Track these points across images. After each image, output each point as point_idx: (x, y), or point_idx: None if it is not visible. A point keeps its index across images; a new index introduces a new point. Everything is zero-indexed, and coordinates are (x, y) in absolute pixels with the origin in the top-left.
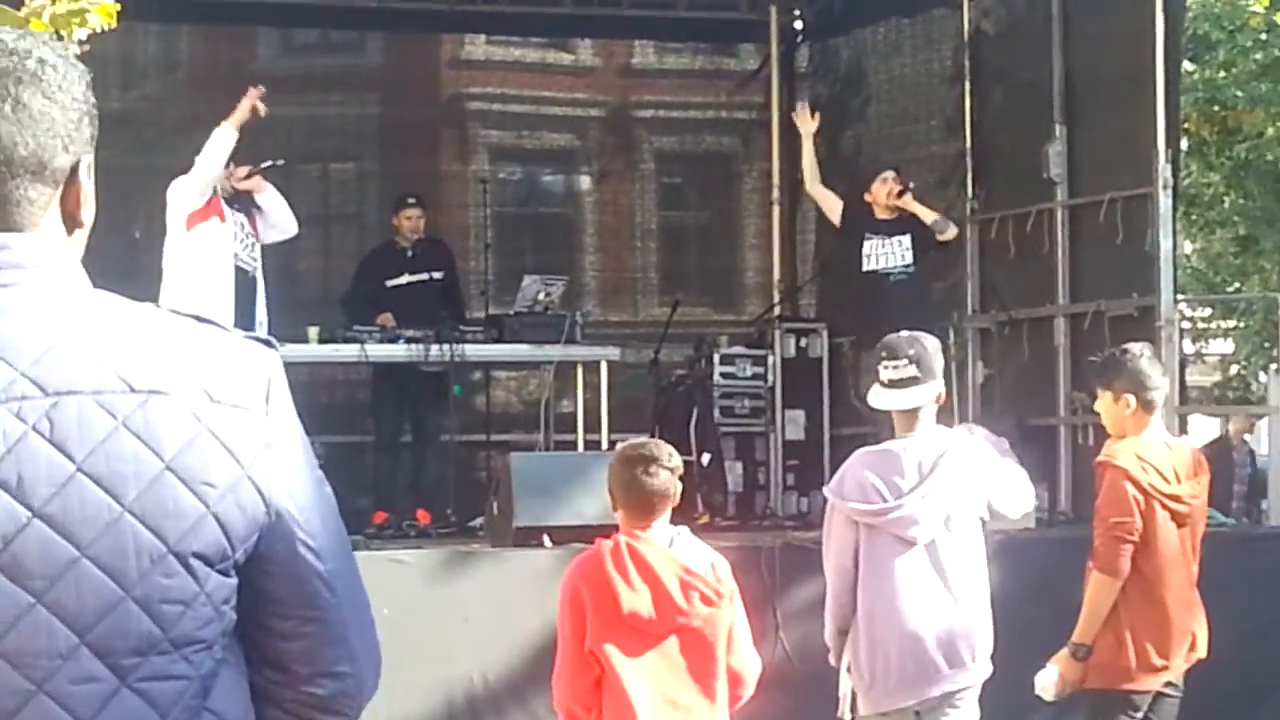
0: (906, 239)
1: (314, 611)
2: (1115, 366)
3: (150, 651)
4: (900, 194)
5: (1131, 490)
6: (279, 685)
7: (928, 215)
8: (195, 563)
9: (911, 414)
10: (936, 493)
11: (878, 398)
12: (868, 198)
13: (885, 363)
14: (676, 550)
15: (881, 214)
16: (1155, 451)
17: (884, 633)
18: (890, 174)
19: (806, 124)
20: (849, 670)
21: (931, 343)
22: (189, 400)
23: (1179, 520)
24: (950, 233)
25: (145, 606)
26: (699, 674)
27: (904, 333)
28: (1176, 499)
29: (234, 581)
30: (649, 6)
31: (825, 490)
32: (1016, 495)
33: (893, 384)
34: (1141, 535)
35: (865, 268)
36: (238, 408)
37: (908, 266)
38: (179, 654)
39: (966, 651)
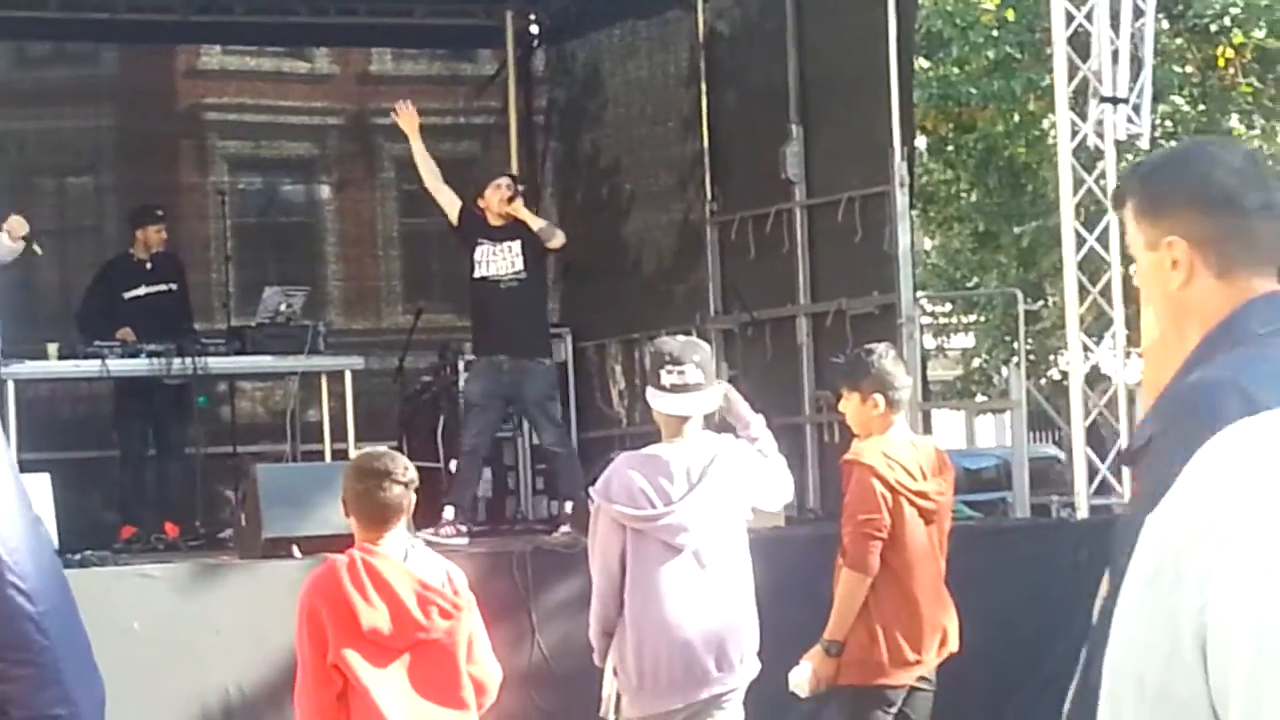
0: (517, 245)
1: (25, 654)
2: (861, 367)
3: None
4: (510, 200)
5: (879, 487)
6: None
7: (535, 222)
8: None
9: (682, 419)
10: (705, 500)
11: (662, 401)
12: (480, 203)
13: (669, 367)
14: (412, 563)
15: (494, 220)
16: (901, 449)
17: (652, 636)
18: (504, 180)
19: (409, 122)
20: (615, 672)
21: (707, 348)
22: None
23: (926, 517)
24: (557, 240)
25: None
26: (444, 685)
27: (680, 338)
28: (923, 495)
29: None
30: (385, 14)
31: (591, 491)
32: (777, 488)
33: (676, 388)
34: (890, 532)
35: (476, 274)
36: None
37: (518, 273)
38: None
39: (735, 654)
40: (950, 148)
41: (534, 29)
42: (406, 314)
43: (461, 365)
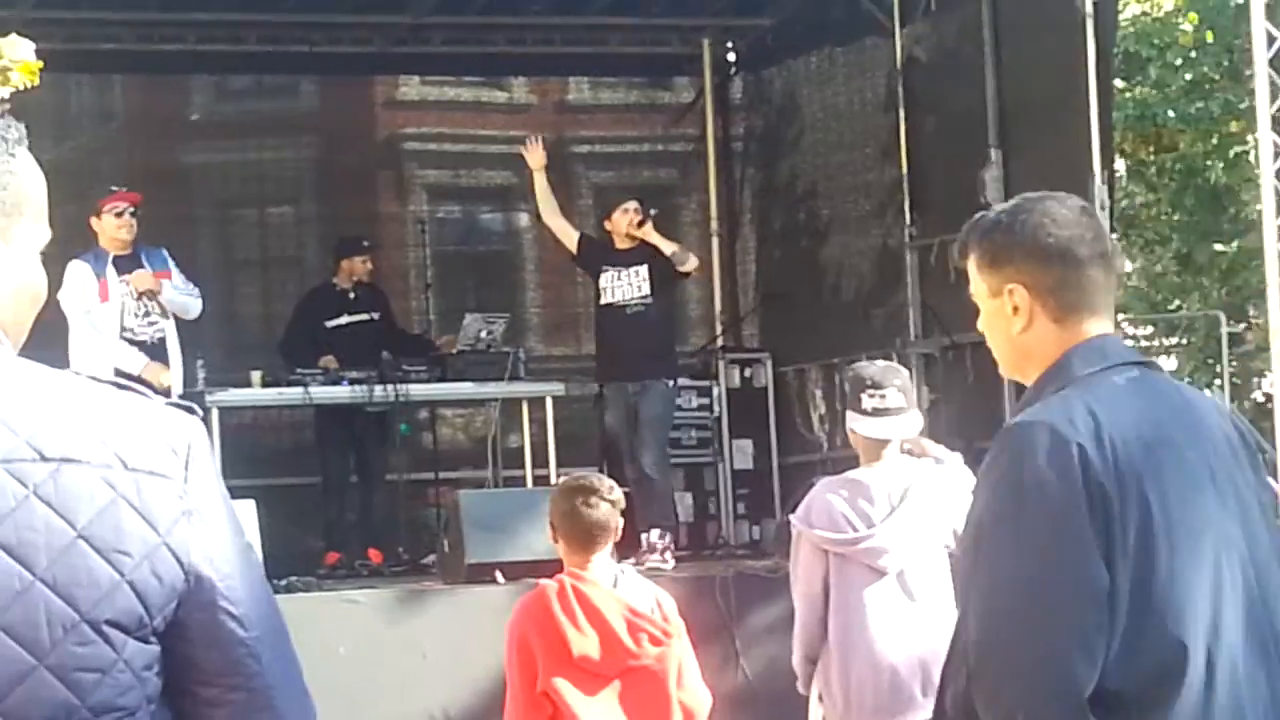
0: (644, 269)
1: (237, 678)
2: None
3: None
4: (640, 224)
5: None
6: None
7: (667, 246)
8: (110, 630)
9: (881, 444)
10: (906, 522)
11: (863, 424)
12: (607, 225)
13: (870, 391)
14: (621, 590)
15: (621, 244)
16: None
17: (857, 661)
18: (633, 204)
19: (535, 157)
20: (820, 699)
21: (906, 373)
22: (102, 468)
23: None
24: (690, 264)
25: (59, 675)
26: (654, 712)
27: (881, 362)
28: None
29: (155, 648)
30: (583, 43)
31: (792, 518)
32: None
33: (878, 412)
34: None
35: (603, 300)
36: (154, 474)
37: (645, 298)
38: None
39: (940, 678)
40: (1150, 170)
41: (730, 56)
42: None
43: None
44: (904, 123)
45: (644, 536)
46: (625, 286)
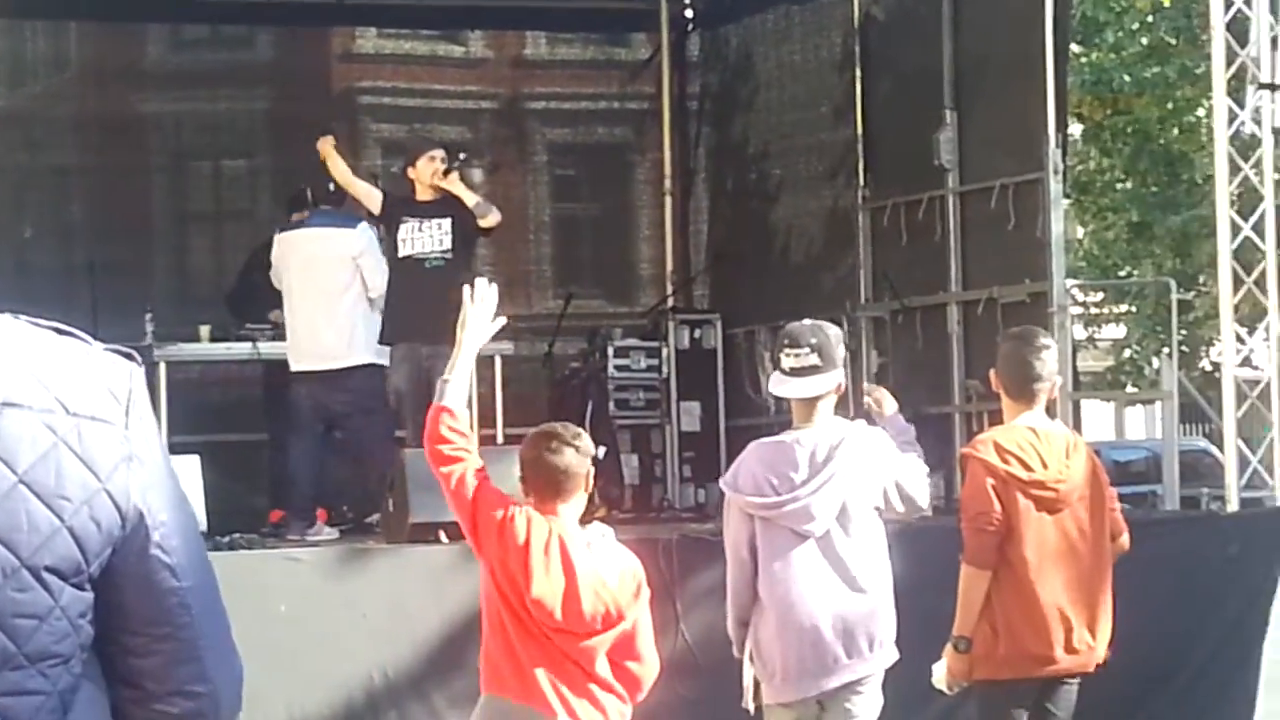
0: (446, 222)
1: (166, 628)
2: (998, 356)
3: (4, 666)
4: (446, 174)
5: (989, 480)
6: (132, 702)
7: (470, 198)
8: (49, 576)
9: (810, 404)
10: (830, 485)
11: (779, 385)
12: (410, 174)
13: (787, 350)
14: (596, 555)
15: (423, 194)
16: (1018, 437)
17: (783, 624)
18: (439, 151)
19: (325, 148)
20: (751, 660)
21: (834, 332)
22: (43, 412)
23: (1047, 506)
24: (493, 218)
25: None
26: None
27: (806, 321)
28: (1039, 485)
29: (89, 595)
30: None
31: (721, 483)
32: (917, 489)
33: (794, 372)
34: (1006, 524)
35: (400, 253)
36: (96, 419)
37: (445, 252)
38: (35, 669)
39: (865, 641)
40: (1105, 134)
41: (688, 13)
42: (556, 299)
43: (611, 351)
44: (860, 83)
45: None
46: (425, 239)
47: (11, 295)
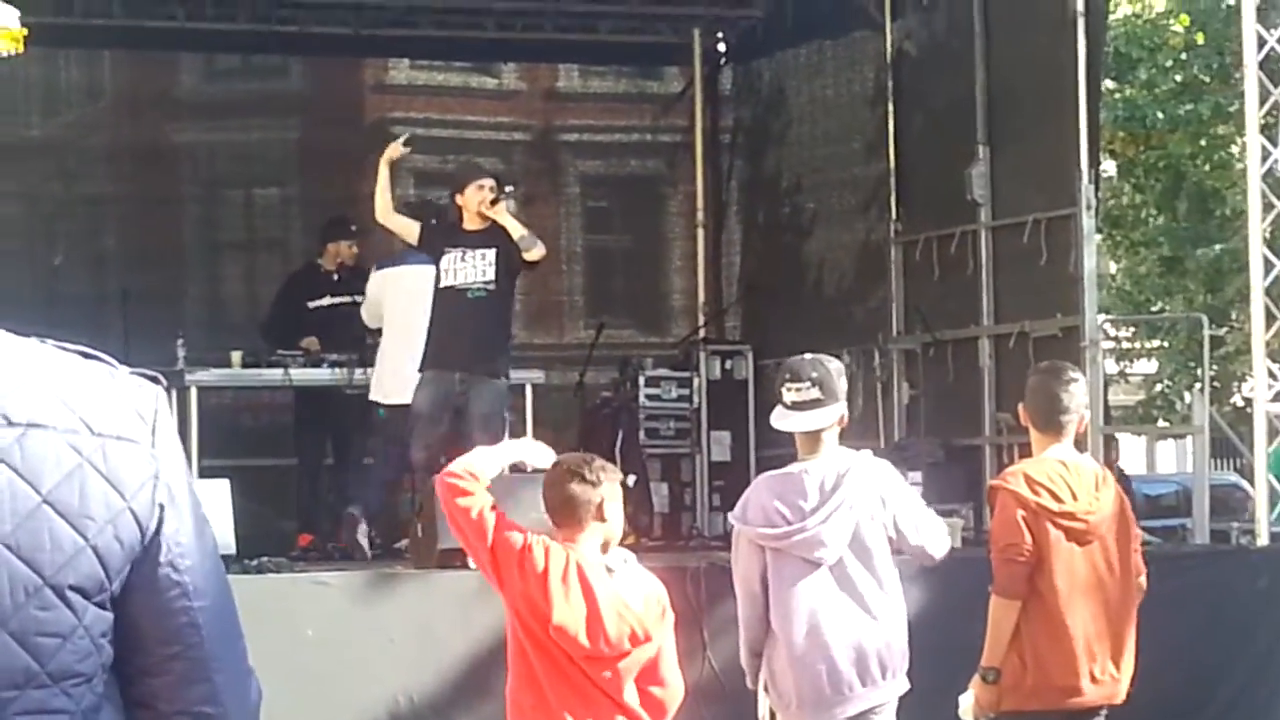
0: (491, 254)
1: (176, 647)
2: (1028, 389)
3: (28, 685)
4: (494, 202)
5: (1019, 512)
6: None
7: (516, 229)
8: (73, 595)
9: (814, 436)
10: (839, 512)
11: (781, 420)
12: (459, 200)
13: (788, 384)
14: (618, 580)
15: (470, 223)
16: (1048, 469)
17: (796, 654)
18: (489, 180)
19: (394, 150)
20: (766, 690)
21: (834, 365)
22: (68, 433)
23: (1077, 538)
24: (537, 252)
25: (21, 640)
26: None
27: (807, 355)
28: (1069, 516)
29: (110, 615)
30: (573, 30)
31: (730, 516)
32: (935, 533)
33: (795, 406)
34: (1035, 556)
35: (442, 283)
36: (122, 439)
37: (489, 283)
38: (58, 687)
39: (878, 669)
40: (1138, 170)
41: (721, 47)
42: (588, 329)
43: (642, 381)
44: (892, 117)
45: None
46: (469, 269)
47: (44, 321)
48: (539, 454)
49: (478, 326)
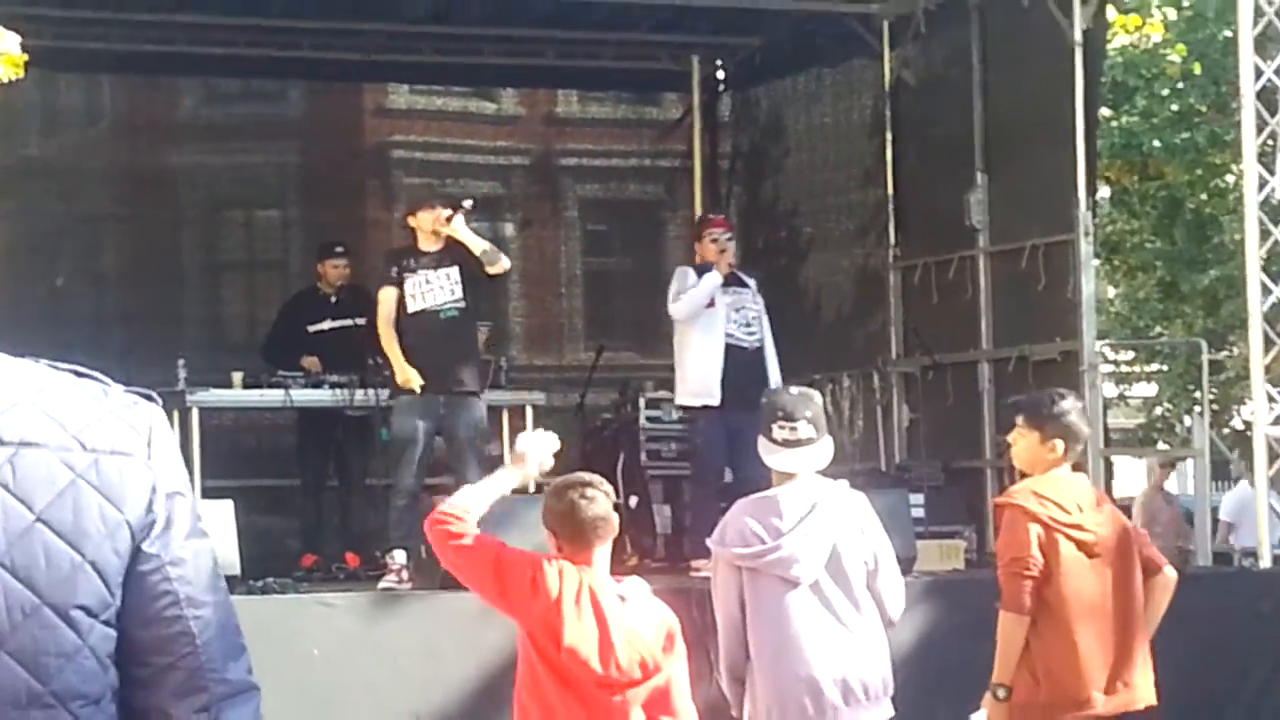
0: (455, 271)
1: (170, 658)
2: (1050, 411)
3: (31, 705)
4: (449, 219)
5: (1031, 526)
6: None
7: (478, 244)
8: (76, 614)
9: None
10: (816, 532)
11: (774, 457)
12: (411, 223)
13: (781, 423)
14: (630, 606)
15: (426, 243)
16: (1055, 485)
17: (777, 675)
18: (439, 203)
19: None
20: (749, 718)
21: (817, 397)
22: (60, 450)
23: (1087, 550)
24: (501, 265)
25: (21, 659)
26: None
27: (794, 390)
28: (1079, 528)
29: (115, 634)
30: (572, 56)
31: (709, 542)
32: (897, 592)
33: (788, 444)
34: (1045, 569)
35: (411, 309)
36: (116, 453)
37: (458, 301)
38: (64, 708)
39: (860, 689)
40: (1134, 198)
41: (719, 74)
42: (588, 351)
43: (642, 402)
44: (890, 145)
45: (389, 556)
46: (436, 291)
47: (45, 343)
48: (540, 446)
49: (455, 346)
